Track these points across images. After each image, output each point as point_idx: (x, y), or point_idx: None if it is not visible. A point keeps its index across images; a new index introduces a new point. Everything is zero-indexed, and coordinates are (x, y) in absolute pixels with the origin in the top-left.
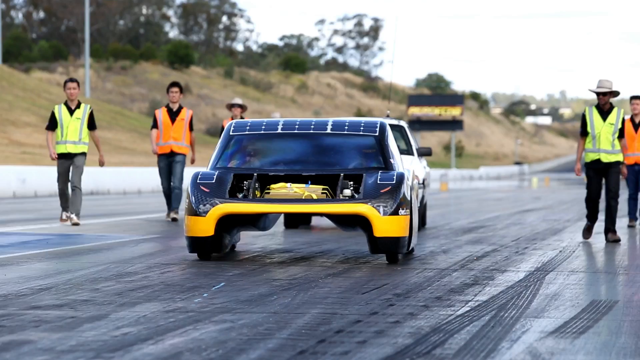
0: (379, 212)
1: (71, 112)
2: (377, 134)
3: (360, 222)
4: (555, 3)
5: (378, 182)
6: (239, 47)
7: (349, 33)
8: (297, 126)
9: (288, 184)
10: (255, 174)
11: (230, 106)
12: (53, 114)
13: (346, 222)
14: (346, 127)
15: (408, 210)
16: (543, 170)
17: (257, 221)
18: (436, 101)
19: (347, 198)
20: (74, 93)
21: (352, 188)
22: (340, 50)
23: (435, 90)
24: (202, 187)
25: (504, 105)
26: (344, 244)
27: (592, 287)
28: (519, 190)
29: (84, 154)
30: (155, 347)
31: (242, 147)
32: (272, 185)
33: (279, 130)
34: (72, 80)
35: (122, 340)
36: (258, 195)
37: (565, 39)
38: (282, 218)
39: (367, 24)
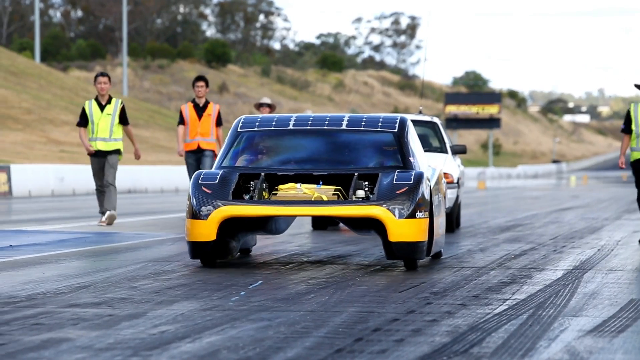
0: (394, 214)
1: (102, 107)
2: (396, 130)
3: (375, 226)
4: (594, 1)
5: (394, 182)
6: (276, 46)
7: (386, 31)
8: (310, 122)
9: (298, 185)
10: (262, 174)
11: (259, 105)
12: (83, 110)
13: (359, 225)
14: (363, 123)
15: (427, 212)
16: (581, 168)
17: (265, 224)
18: (473, 99)
19: (360, 200)
20: (104, 88)
21: (367, 189)
22: (377, 48)
23: (473, 88)
24: (204, 188)
25: (541, 103)
26: (380, 242)
27: (630, 286)
28: (557, 189)
29: (116, 151)
30: (193, 345)
31: (251, 144)
32: (280, 186)
33: (291, 127)
34: (102, 74)
35: (159, 338)
36: (266, 197)
37: (603, 37)
38: (309, 219)
39: (404, 22)
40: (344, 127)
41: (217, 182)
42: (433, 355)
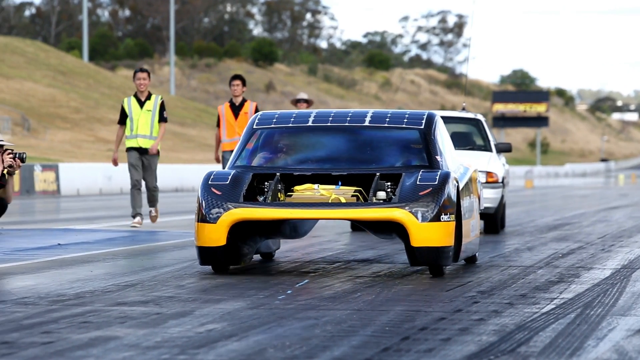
0: (416, 217)
1: (141, 104)
2: (422, 127)
3: (397, 230)
4: None
5: (417, 182)
6: (323, 44)
7: (432, 30)
8: (331, 118)
9: (315, 186)
10: (277, 174)
11: (296, 101)
12: (123, 108)
13: (380, 229)
14: (387, 120)
15: (453, 215)
16: (630, 167)
17: (280, 228)
18: (521, 97)
19: (380, 202)
20: (143, 84)
21: (389, 190)
22: (424, 47)
23: (520, 86)
24: (214, 190)
25: (589, 101)
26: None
27: None
28: (605, 188)
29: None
30: (240, 344)
31: (267, 142)
32: (297, 187)
33: (310, 123)
34: (142, 70)
35: (206, 337)
36: (282, 199)
37: None
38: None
39: (451, 20)
40: (366, 123)
41: (228, 182)
42: (480, 354)
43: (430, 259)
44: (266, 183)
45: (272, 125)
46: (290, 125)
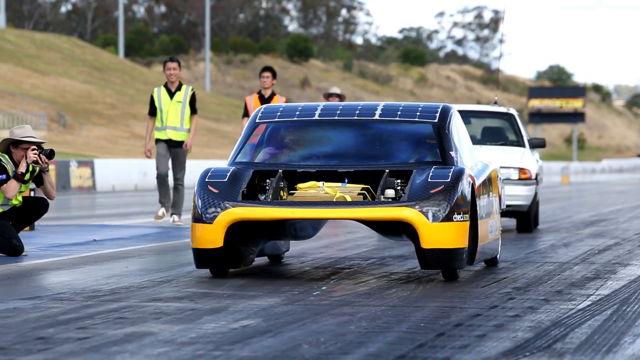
0: (426, 217)
1: (171, 95)
2: (436, 120)
3: (406, 230)
4: None
5: (428, 180)
6: (358, 40)
7: (468, 25)
8: (338, 112)
9: (320, 183)
10: (280, 171)
11: (328, 96)
12: (152, 98)
13: (388, 230)
14: (399, 113)
15: (467, 215)
16: None
17: (281, 228)
18: (557, 93)
19: (389, 200)
20: (174, 74)
21: (399, 188)
22: (460, 42)
23: (557, 82)
24: (210, 187)
25: (626, 97)
26: None
27: None
28: None
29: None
30: (274, 340)
31: (270, 137)
32: (300, 185)
33: (316, 117)
34: (172, 59)
35: (241, 333)
36: (284, 197)
37: None
38: None
39: (487, 16)
40: (376, 117)
41: (226, 180)
42: (515, 350)
43: (441, 262)
44: (268, 180)
45: (276, 119)
46: (296, 119)
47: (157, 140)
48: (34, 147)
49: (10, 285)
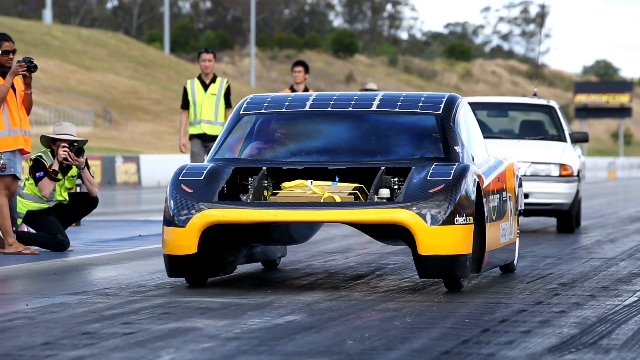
0: (424, 220)
1: (205, 87)
2: (440, 112)
3: (402, 234)
4: None
5: (427, 178)
6: (403, 36)
7: (514, 20)
8: (332, 102)
9: (308, 182)
10: (263, 168)
11: (364, 91)
12: (185, 90)
13: (382, 234)
14: (399, 104)
15: (471, 217)
16: None
17: (265, 233)
18: (604, 88)
19: (383, 201)
20: (209, 66)
21: (396, 187)
22: (505, 37)
23: (603, 77)
24: (184, 187)
25: None
26: None
27: None
28: None
29: None
30: (319, 335)
31: (255, 130)
32: (285, 184)
33: (307, 108)
34: (207, 50)
35: (285, 328)
36: (268, 198)
37: None
38: None
39: (533, 10)
40: (374, 108)
41: (202, 178)
42: (561, 346)
43: (442, 270)
44: (250, 179)
45: (263, 111)
46: (284, 110)
47: (191, 137)
48: (65, 144)
49: (56, 281)
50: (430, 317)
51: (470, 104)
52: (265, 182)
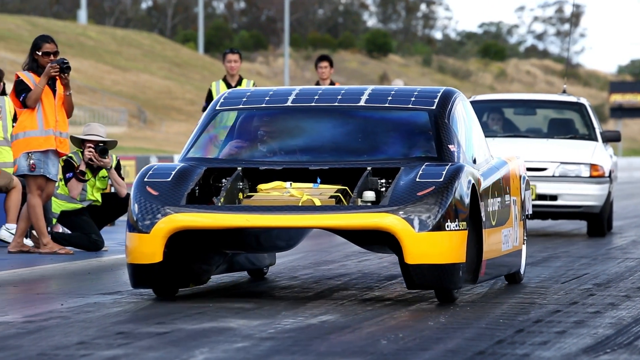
0: (411, 225)
1: (231, 89)
2: (433, 107)
3: (388, 241)
4: None
5: (416, 179)
6: (438, 35)
7: (549, 20)
8: (317, 97)
9: (287, 184)
10: (238, 169)
11: None
12: (210, 92)
13: (365, 240)
14: (389, 99)
15: (464, 222)
16: None
17: (242, 239)
18: (639, 88)
19: (367, 204)
20: (234, 67)
21: (383, 189)
22: (540, 37)
23: (638, 76)
24: (149, 189)
25: None
26: (543, 232)
27: None
28: None
29: None
30: (352, 335)
31: (232, 128)
32: (261, 186)
33: (289, 103)
34: (232, 51)
35: (319, 328)
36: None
37: None
38: None
39: (568, 10)
40: (362, 103)
41: (169, 180)
42: (596, 347)
43: (431, 281)
44: (224, 180)
45: (241, 106)
46: (264, 105)
47: None
48: (90, 145)
49: (91, 280)
50: (464, 317)
51: (497, 101)
52: (240, 183)
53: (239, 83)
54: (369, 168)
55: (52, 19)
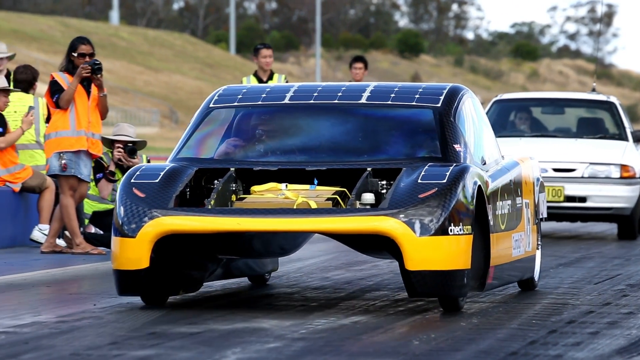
0: (412, 229)
1: (262, 83)
2: (439, 105)
3: (387, 246)
4: None
5: (418, 181)
6: (469, 35)
7: (582, 19)
8: (316, 94)
9: (283, 185)
10: (231, 170)
11: None
12: None
13: (364, 245)
14: (392, 96)
15: (469, 227)
16: None
17: (234, 244)
18: None
19: (366, 207)
20: (269, 62)
21: (384, 191)
22: (572, 37)
23: None
24: (136, 191)
25: None
26: (576, 233)
27: None
28: None
29: None
30: (385, 336)
31: (225, 126)
32: (255, 187)
33: (287, 101)
34: (266, 46)
35: (351, 329)
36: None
37: None
38: None
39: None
40: (363, 100)
41: (157, 181)
42: (630, 348)
43: (433, 288)
44: (216, 182)
45: (236, 104)
46: (260, 103)
47: None
48: (119, 145)
49: None
50: (496, 317)
51: (524, 100)
52: (233, 185)
53: (270, 78)
54: (369, 169)
55: (85, 19)
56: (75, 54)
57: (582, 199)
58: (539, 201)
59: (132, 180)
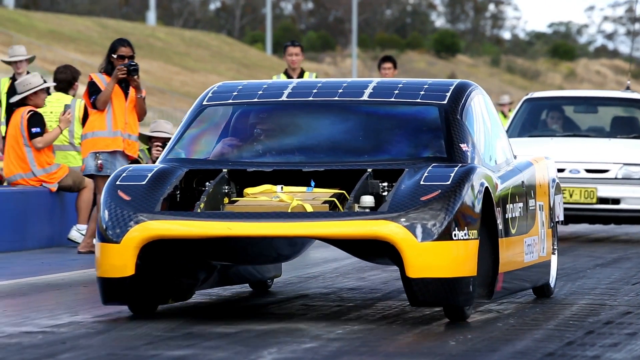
0: (414, 234)
1: None
2: (445, 102)
3: (388, 252)
4: None
5: (421, 182)
6: (506, 35)
7: (619, 19)
8: (315, 91)
9: (278, 187)
10: (224, 171)
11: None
12: None
13: (363, 251)
14: (396, 92)
15: (475, 231)
16: None
17: (227, 250)
18: None
19: (365, 210)
20: (296, 60)
21: (385, 193)
22: (610, 37)
23: None
24: (121, 194)
25: None
26: (613, 233)
27: None
28: None
29: None
30: (421, 336)
31: (219, 125)
32: (248, 189)
33: (284, 98)
34: (293, 44)
35: (387, 330)
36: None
37: None
38: None
39: (638, 10)
40: (365, 97)
41: (144, 183)
42: None
43: (436, 297)
44: (207, 184)
45: (230, 101)
46: (256, 100)
47: None
48: (158, 142)
49: None
50: (533, 318)
51: (556, 98)
52: (226, 187)
53: (301, 76)
54: (369, 170)
55: (122, 20)
56: (115, 56)
57: (616, 201)
58: (555, 203)
59: (118, 182)
